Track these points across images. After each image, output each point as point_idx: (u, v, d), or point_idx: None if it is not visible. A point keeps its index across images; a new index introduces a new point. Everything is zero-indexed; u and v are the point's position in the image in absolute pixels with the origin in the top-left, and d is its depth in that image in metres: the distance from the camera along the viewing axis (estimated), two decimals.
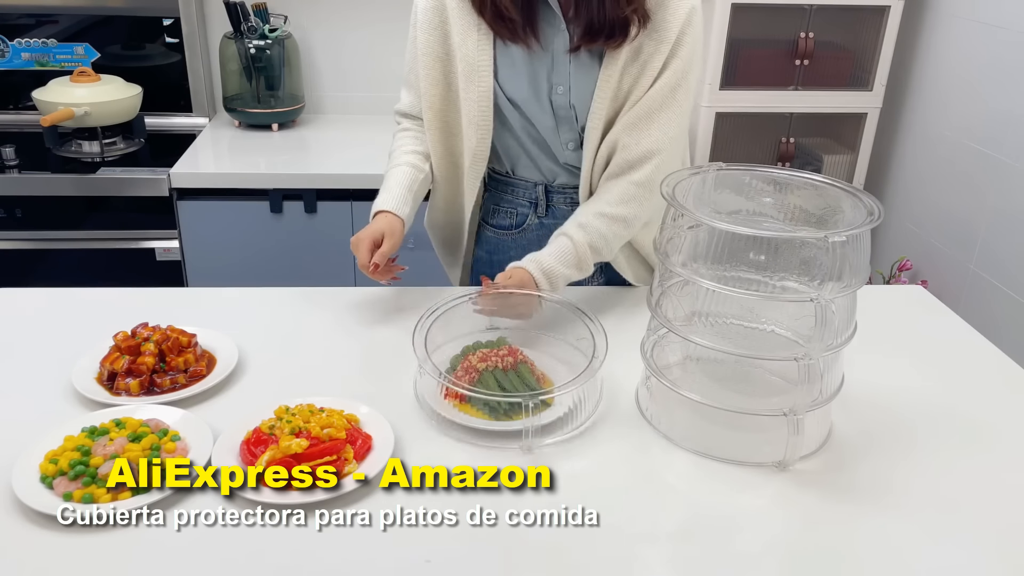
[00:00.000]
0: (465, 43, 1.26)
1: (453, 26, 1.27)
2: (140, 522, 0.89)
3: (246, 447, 0.98)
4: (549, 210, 1.41)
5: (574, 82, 1.27)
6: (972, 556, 0.90)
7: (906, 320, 1.40)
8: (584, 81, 1.27)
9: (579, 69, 1.26)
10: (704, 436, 1.04)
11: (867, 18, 2.43)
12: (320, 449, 0.96)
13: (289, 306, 1.36)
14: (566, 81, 1.27)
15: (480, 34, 1.26)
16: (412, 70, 1.35)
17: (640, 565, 0.87)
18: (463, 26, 1.26)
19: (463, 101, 1.30)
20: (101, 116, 2.21)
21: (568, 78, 1.27)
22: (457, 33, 1.27)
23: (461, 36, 1.27)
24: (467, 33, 1.26)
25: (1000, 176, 2.12)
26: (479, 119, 1.30)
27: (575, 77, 1.27)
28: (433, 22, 1.28)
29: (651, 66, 1.24)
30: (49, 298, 1.36)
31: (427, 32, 1.29)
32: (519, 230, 1.43)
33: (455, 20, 1.26)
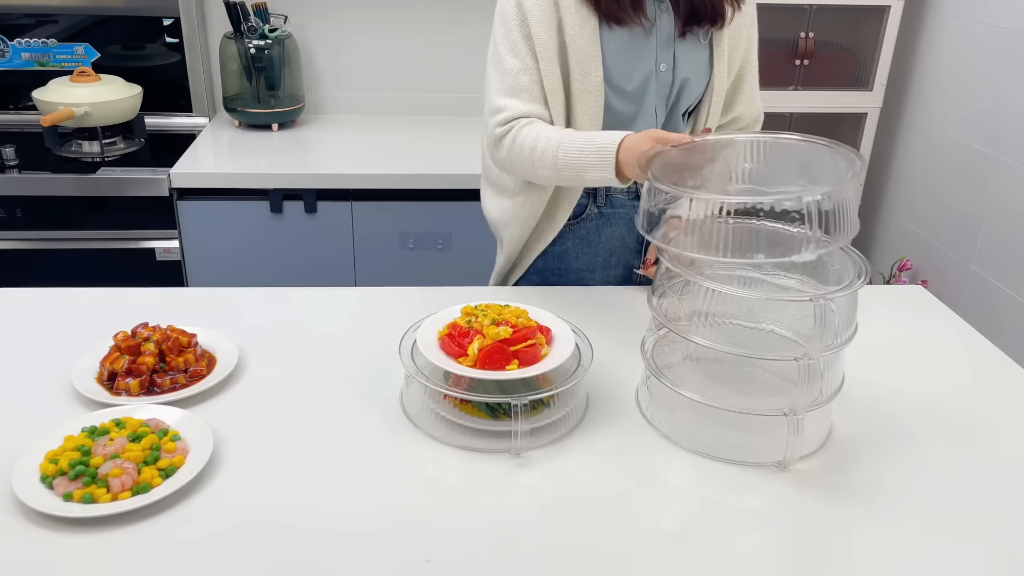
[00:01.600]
0: (581, 34, 1.27)
1: (567, 19, 1.27)
2: (140, 522, 0.89)
3: (449, 341, 1.04)
4: (608, 200, 1.42)
5: (679, 58, 1.32)
6: (972, 556, 0.90)
7: (906, 320, 1.40)
8: (689, 55, 1.33)
9: (683, 47, 1.32)
10: (704, 436, 1.04)
11: (867, 18, 2.43)
12: (522, 334, 1.04)
13: (289, 306, 1.36)
14: (670, 59, 1.32)
15: (591, 23, 1.27)
16: (527, 72, 1.28)
17: (640, 565, 0.87)
18: (578, 17, 1.27)
19: (578, 93, 1.30)
20: (101, 116, 2.21)
21: (672, 55, 1.32)
22: (572, 25, 1.27)
23: (577, 28, 1.27)
24: (583, 24, 1.27)
25: (1000, 176, 2.12)
26: (594, 110, 1.31)
27: (680, 54, 1.32)
28: (550, 18, 1.27)
29: (740, 38, 1.37)
30: (49, 298, 1.36)
31: (546, 29, 1.27)
32: (577, 220, 1.43)
33: (570, 12, 1.27)
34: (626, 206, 1.43)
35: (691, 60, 1.33)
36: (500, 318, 1.07)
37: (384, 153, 2.30)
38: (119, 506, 0.89)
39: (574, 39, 1.27)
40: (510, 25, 1.28)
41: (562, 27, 1.28)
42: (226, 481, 0.96)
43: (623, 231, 1.45)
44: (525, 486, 0.97)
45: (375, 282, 2.21)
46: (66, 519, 0.89)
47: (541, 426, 1.04)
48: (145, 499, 0.90)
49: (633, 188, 1.42)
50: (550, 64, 1.28)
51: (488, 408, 1.05)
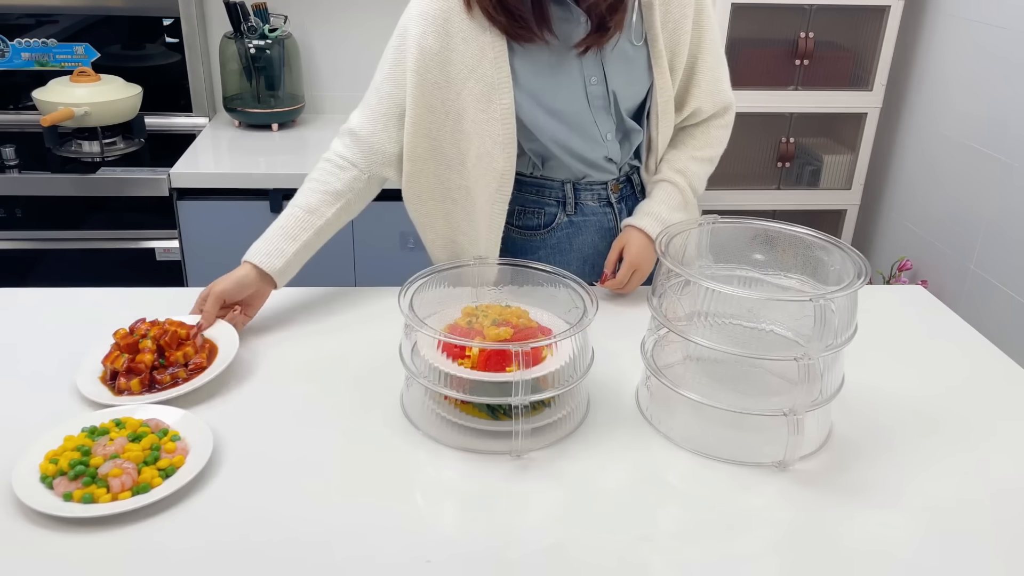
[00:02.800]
0: (480, 63, 1.23)
1: (462, 49, 1.23)
2: (140, 522, 0.89)
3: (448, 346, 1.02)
4: (578, 208, 1.41)
5: (609, 69, 1.28)
6: (972, 556, 0.90)
7: (906, 320, 1.40)
8: (619, 64, 1.28)
9: (611, 56, 1.27)
10: (704, 436, 1.04)
11: (867, 18, 2.43)
12: (524, 333, 1.03)
13: (289, 306, 1.36)
14: (599, 70, 1.28)
15: (495, 50, 1.23)
16: (377, 91, 1.30)
17: (640, 565, 0.87)
18: (477, 47, 1.23)
19: (482, 123, 1.27)
20: (101, 116, 2.21)
21: (600, 67, 1.27)
22: (469, 55, 1.23)
23: (475, 57, 1.23)
24: (482, 52, 1.23)
25: (1000, 176, 2.12)
26: (503, 138, 1.27)
27: (609, 64, 1.28)
28: (433, 48, 1.23)
29: (682, 30, 1.30)
30: (49, 298, 1.36)
31: (424, 58, 1.23)
32: (548, 229, 1.42)
33: (465, 43, 1.23)
34: (597, 213, 1.42)
35: (622, 68, 1.29)
36: (501, 319, 1.07)
37: None
38: (119, 506, 0.89)
39: (473, 69, 1.24)
40: (391, 44, 1.29)
41: (450, 60, 1.24)
42: (226, 481, 0.96)
43: (595, 239, 1.44)
44: (525, 486, 0.97)
45: (375, 282, 2.21)
46: (66, 519, 0.89)
47: (542, 426, 1.04)
48: (145, 499, 0.90)
49: (604, 195, 1.41)
50: (423, 95, 1.25)
51: (489, 409, 1.05)
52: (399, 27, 1.28)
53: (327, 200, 1.30)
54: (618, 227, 1.43)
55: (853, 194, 2.62)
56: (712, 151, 1.42)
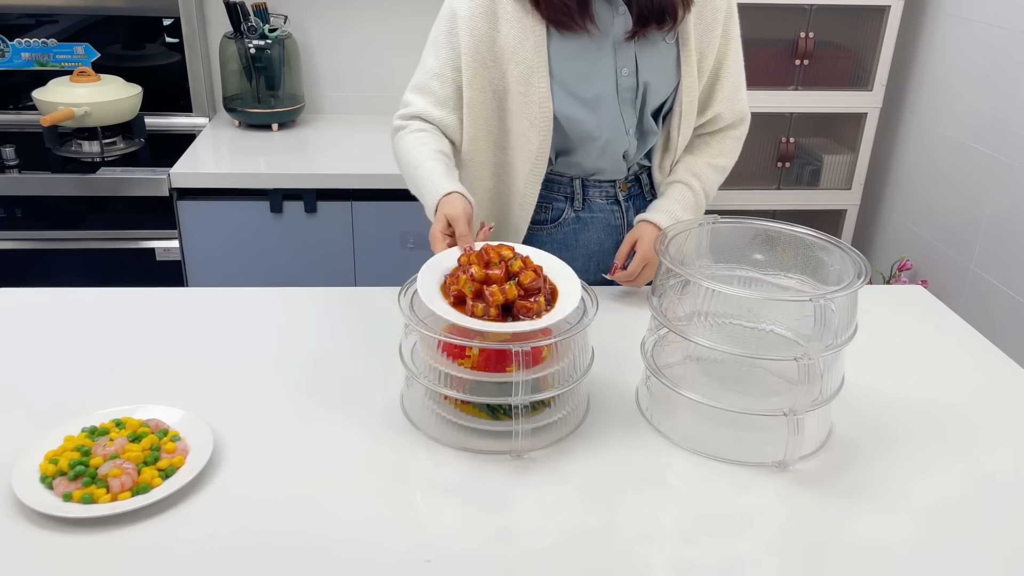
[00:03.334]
0: (522, 46, 1.26)
1: (505, 31, 1.26)
2: (140, 522, 0.89)
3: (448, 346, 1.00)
4: (586, 204, 1.42)
5: (641, 62, 1.30)
6: (972, 556, 0.90)
7: (906, 320, 1.40)
8: (652, 58, 1.30)
9: (645, 47, 1.29)
10: (704, 436, 1.04)
11: (867, 18, 2.43)
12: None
13: (289, 306, 1.36)
14: (631, 62, 1.30)
15: (536, 34, 1.26)
16: (438, 76, 1.31)
17: (640, 565, 0.87)
18: (520, 29, 1.25)
19: (520, 106, 1.30)
20: (101, 116, 2.21)
21: (634, 59, 1.29)
22: (512, 37, 1.26)
23: (518, 40, 1.26)
24: (524, 36, 1.26)
25: (1000, 176, 2.12)
26: (540, 121, 1.30)
27: (642, 56, 1.30)
28: (482, 31, 1.27)
29: (712, 34, 1.33)
30: (49, 298, 1.36)
31: (475, 42, 1.27)
32: (555, 224, 1.43)
33: (509, 24, 1.25)
34: (604, 210, 1.43)
35: (654, 63, 1.31)
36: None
37: (384, 153, 2.28)
38: (118, 506, 0.89)
39: (515, 51, 1.26)
40: (440, 29, 1.30)
41: (496, 40, 1.27)
42: (226, 481, 0.96)
43: (601, 235, 1.45)
44: (525, 486, 0.97)
45: (375, 282, 2.21)
46: (66, 519, 0.89)
47: (542, 426, 1.04)
48: (145, 499, 0.90)
49: (612, 193, 1.42)
50: (475, 75, 1.29)
51: (489, 409, 1.05)
52: (446, 10, 1.30)
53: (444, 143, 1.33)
54: (625, 225, 1.45)
55: (853, 194, 2.62)
56: (726, 161, 1.44)
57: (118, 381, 1.15)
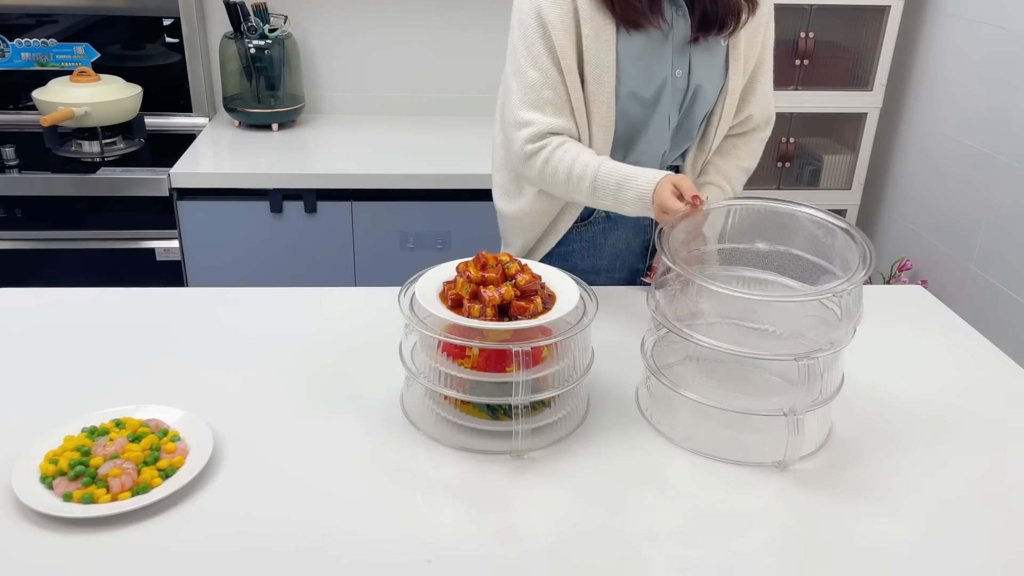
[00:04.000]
0: (597, 44, 1.26)
1: (585, 29, 1.25)
2: (140, 522, 0.89)
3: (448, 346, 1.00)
4: None
5: (695, 63, 1.31)
6: (972, 555, 0.90)
7: (906, 320, 1.40)
8: (705, 60, 1.32)
9: (698, 52, 1.31)
10: (704, 436, 1.04)
11: (867, 18, 2.43)
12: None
13: (289, 306, 1.36)
14: (685, 64, 1.31)
15: (607, 32, 1.26)
16: (550, 85, 1.27)
17: (640, 565, 0.87)
18: (595, 26, 1.25)
19: (593, 104, 1.29)
20: (101, 116, 2.21)
21: (688, 61, 1.31)
22: (589, 36, 1.25)
23: (593, 38, 1.26)
24: (599, 33, 1.26)
25: (1000, 176, 2.12)
26: (606, 119, 1.31)
27: (696, 58, 1.31)
28: (570, 29, 1.25)
29: (756, 39, 1.35)
30: (49, 298, 1.36)
31: (568, 40, 1.26)
32: (585, 223, 1.43)
33: (589, 23, 1.25)
34: None
35: (706, 65, 1.32)
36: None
37: (384, 153, 2.30)
38: (118, 507, 0.89)
39: (589, 49, 1.27)
40: (531, 37, 1.26)
41: (580, 36, 1.27)
42: (226, 481, 0.96)
43: (629, 235, 1.45)
44: (525, 486, 0.97)
45: (375, 282, 2.21)
46: (65, 519, 0.89)
47: (541, 426, 1.04)
48: (145, 499, 0.90)
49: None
50: (573, 75, 1.27)
51: (489, 409, 1.05)
52: (529, 16, 1.26)
53: None
54: (653, 225, 1.45)
55: (853, 194, 2.62)
56: (752, 162, 1.47)
57: (118, 381, 1.15)
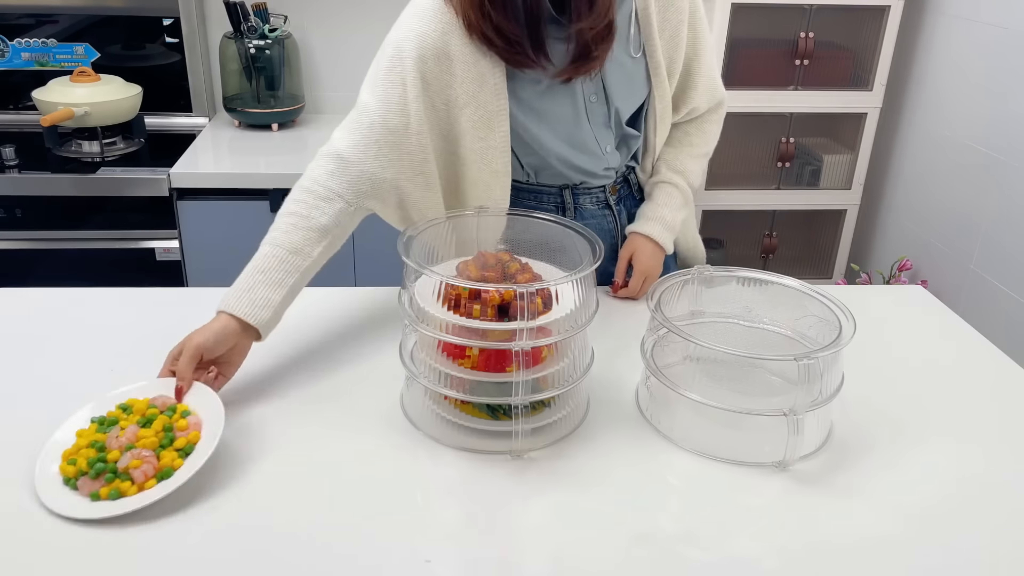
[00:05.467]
0: (482, 90, 1.19)
1: (461, 75, 1.18)
2: (137, 519, 0.89)
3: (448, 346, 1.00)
4: (577, 212, 1.39)
5: (610, 85, 1.27)
6: (972, 556, 0.90)
7: (906, 320, 1.40)
8: (619, 79, 1.27)
9: (610, 70, 1.25)
10: (704, 436, 1.04)
11: (867, 18, 2.43)
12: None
13: (289, 306, 1.36)
14: (599, 88, 1.27)
15: (495, 76, 1.19)
16: (382, 123, 1.19)
17: (640, 565, 0.87)
18: (477, 72, 1.18)
19: (480, 152, 1.23)
20: (101, 116, 2.21)
21: (600, 84, 1.26)
22: (470, 81, 1.18)
23: (476, 83, 1.19)
24: (482, 80, 1.19)
25: (1000, 176, 2.12)
26: (502, 166, 1.25)
27: (609, 80, 1.26)
28: (434, 72, 1.18)
29: (679, 36, 1.29)
30: (49, 298, 1.36)
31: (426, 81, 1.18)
32: None
33: (465, 67, 1.18)
34: (596, 216, 1.40)
35: (622, 82, 1.27)
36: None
37: None
38: (147, 496, 0.89)
39: (473, 96, 1.19)
40: (384, 64, 1.21)
41: (449, 86, 1.19)
42: (225, 483, 0.96)
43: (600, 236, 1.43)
44: (525, 486, 0.97)
45: (375, 282, 2.21)
46: (100, 520, 0.88)
47: (542, 426, 1.04)
48: (172, 484, 0.90)
49: (602, 198, 1.40)
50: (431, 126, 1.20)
51: (489, 409, 1.05)
52: (391, 46, 1.21)
53: (312, 238, 1.15)
54: (618, 228, 1.43)
55: (853, 194, 2.62)
56: (708, 147, 1.44)
57: (118, 381, 1.14)
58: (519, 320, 0.96)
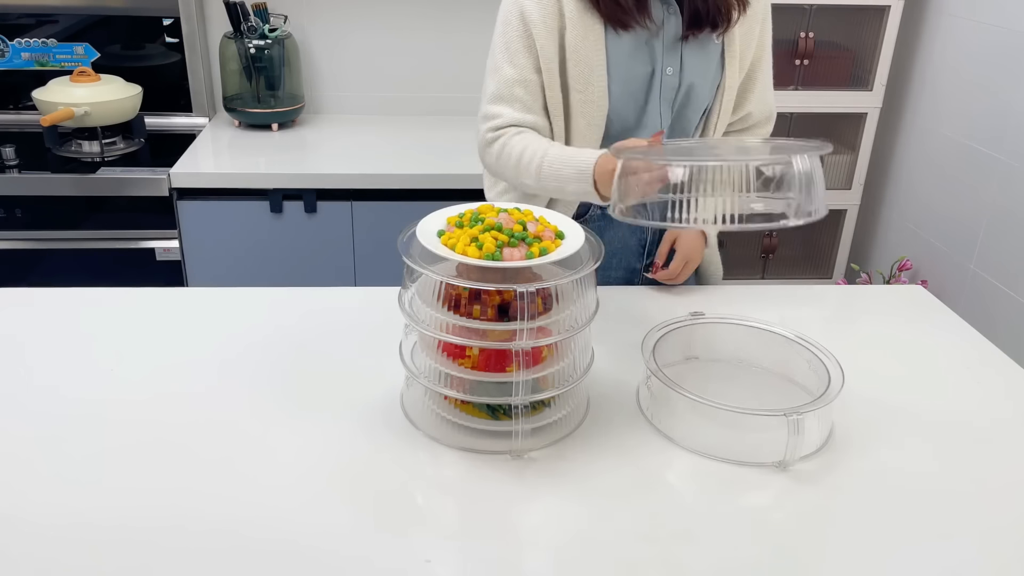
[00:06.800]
0: (584, 44, 1.26)
1: (571, 29, 1.26)
2: (136, 515, 0.89)
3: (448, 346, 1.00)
4: None
5: (686, 62, 1.31)
6: (973, 556, 0.90)
7: (906, 320, 1.40)
8: (698, 59, 1.31)
9: (692, 47, 1.30)
10: (704, 436, 1.04)
11: (867, 18, 2.43)
12: None
13: (289, 306, 1.36)
14: (676, 62, 1.31)
15: (595, 32, 1.26)
16: (522, 83, 1.29)
17: (640, 565, 0.87)
18: (582, 26, 1.26)
19: (579, 104, 1.30)
20: (101, 116, 2.21)
21: (679, 59, 1.30)
22: (575, 36, 1.26)
23: (580, 38, 1.26)
24: (586, 33, 1.26)
25: (1000, 176, 2.12)
26: (597, 119, 1.31)
27: (688, 56, 1.31)
28: (553, 29, 1.26)
29: (751, 36, 1.35)
30: (49, 298, 1.36)
31: (549, 40, 1.27)
32: (581, 221, 1.42)
33: (574, 23, 1.26)
34: None
35: (699, 63, 1.32)
36: None
37: (384, 153, 2.30)
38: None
39: (576, 50, 1.27)
40: (511, 34, 1.28)
41: (564, 38, 1.27)
42: (224, 479, 0.96)
43: (625, 234, 1.45)
44: (525, 486, 0.97)
45: (375, 282, 2.21)
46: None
47: (541, 426, 1.04)
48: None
49: None
50: (552, 76, 1.28)
51: (489, 409, 1.05)
52: (513, 14, 1.28)
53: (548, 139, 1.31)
54: None
55: (853, 194, 2.62)
56: None
57: (118, 381, 1.15)
58: (519, 320, 0.96)
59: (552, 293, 1.02)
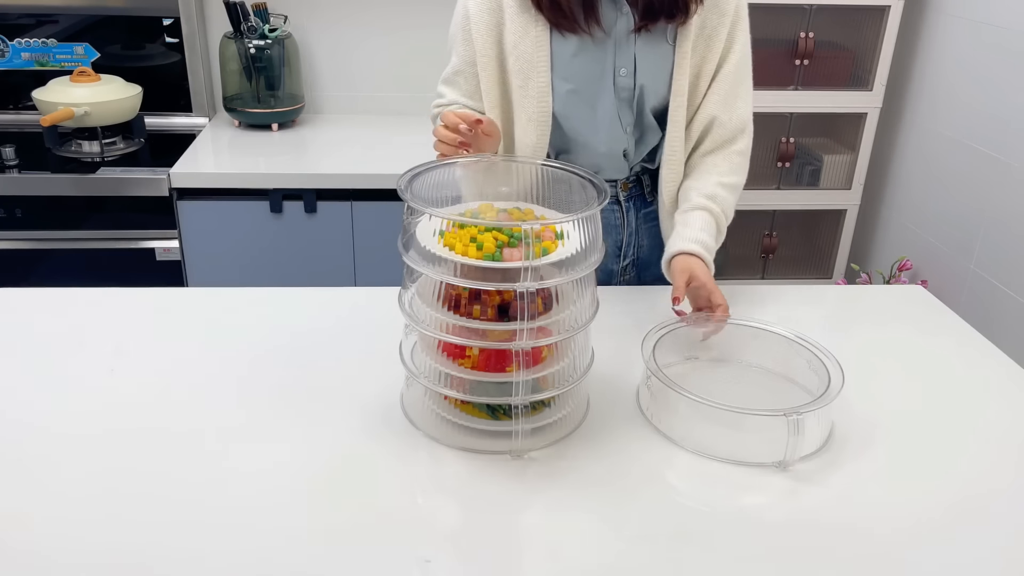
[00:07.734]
0: (523, 41, 1.28)
1: (509, 26, 1.28)
2: (135, 511, 0.89)
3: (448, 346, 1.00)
4: None
5: (640, 62, 1.30)
6: (973, 556, 0.90)
7: (906, 320, 1.40)
8: (650, 59, 1.30)
9: (644, 48, 1.29)
10: (704, 436, 1.04)
11: (867, 18, 2.43)
12: None
13: (289, 306, 1.36)
14: (630, 63, 1.30)
15: (537, 30, 1.27)
16: (460, 72, 1.35)
17: (640, 565, 0.87)
18: (521, 24, 1.28)
19: (519, 99, 1.32)
20: (101, 116, 2.21)
21: (632, 59, 1.30)
22: (513, 32, 1.28)
23: (518, 35, 1.28)
24: (525, 31, 1.28)
25: (1000, 176, 2.12)
26: (538, 116, 1.32)
27: (641, 57, 1.30)
28: (489, 23, 1.29)
29: (717, 39, 1.32)
30: (49, 298, 1.36)
31: (484, 36, 1.30)
32: None
33: (512, 19, 1.28)
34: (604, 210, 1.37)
35: (652, 63, 1.30)
36: None
37: (384, 153, 2.30)
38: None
39: (515, 46, 1.29)
40: (456, 26, 1.34)
41: (502, 34, 1.29)
42: (224, 480, 0.96)
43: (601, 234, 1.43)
44: (525, 486, 0.97)
45: (375, 282, 2.21)
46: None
47: (541, 426, 1.04)
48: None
49: (614, 193, 1.42)
50: (487, 70, 1.32)
51: (489, 409, 1.05)
52: (460, 7, 1.34)
53: None
54: (624, 225, 1.44)
55: (853, 194, 2.62)
56: (736, 178, 1.40)
57: (118, 382, 1.15)
58: (519, 320, 0.96)
59: (552, 293, 1.02)
